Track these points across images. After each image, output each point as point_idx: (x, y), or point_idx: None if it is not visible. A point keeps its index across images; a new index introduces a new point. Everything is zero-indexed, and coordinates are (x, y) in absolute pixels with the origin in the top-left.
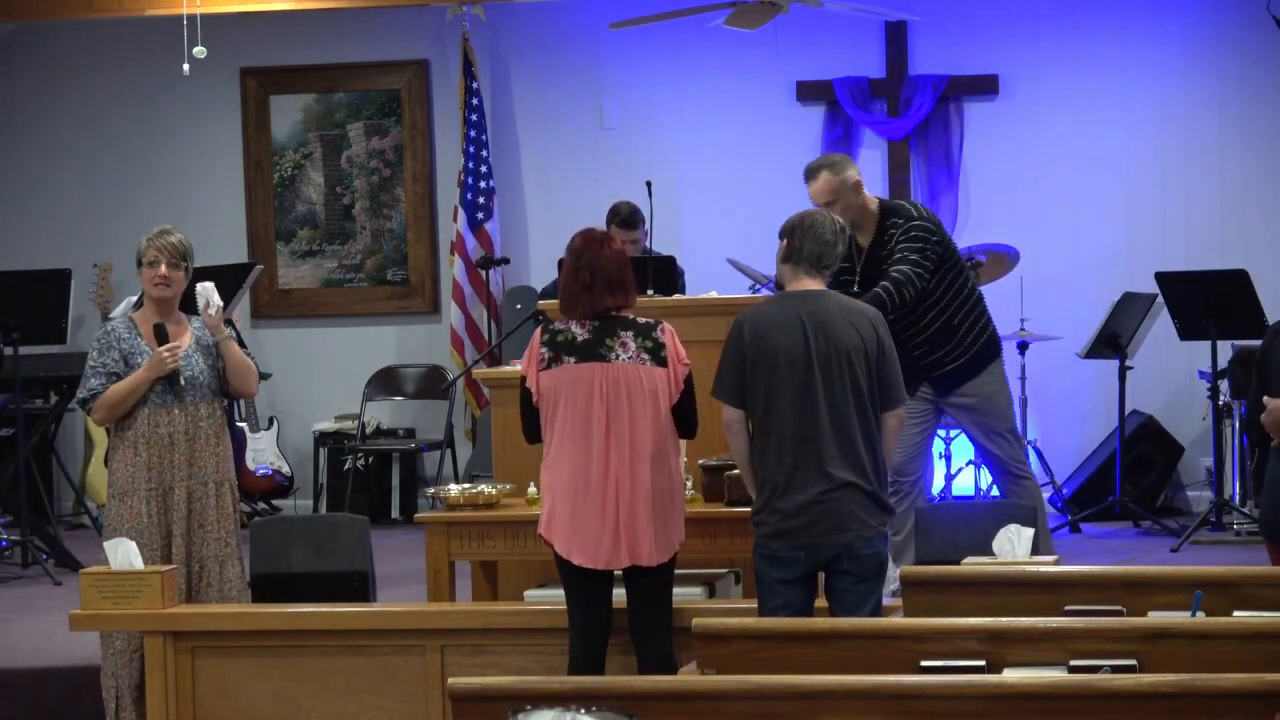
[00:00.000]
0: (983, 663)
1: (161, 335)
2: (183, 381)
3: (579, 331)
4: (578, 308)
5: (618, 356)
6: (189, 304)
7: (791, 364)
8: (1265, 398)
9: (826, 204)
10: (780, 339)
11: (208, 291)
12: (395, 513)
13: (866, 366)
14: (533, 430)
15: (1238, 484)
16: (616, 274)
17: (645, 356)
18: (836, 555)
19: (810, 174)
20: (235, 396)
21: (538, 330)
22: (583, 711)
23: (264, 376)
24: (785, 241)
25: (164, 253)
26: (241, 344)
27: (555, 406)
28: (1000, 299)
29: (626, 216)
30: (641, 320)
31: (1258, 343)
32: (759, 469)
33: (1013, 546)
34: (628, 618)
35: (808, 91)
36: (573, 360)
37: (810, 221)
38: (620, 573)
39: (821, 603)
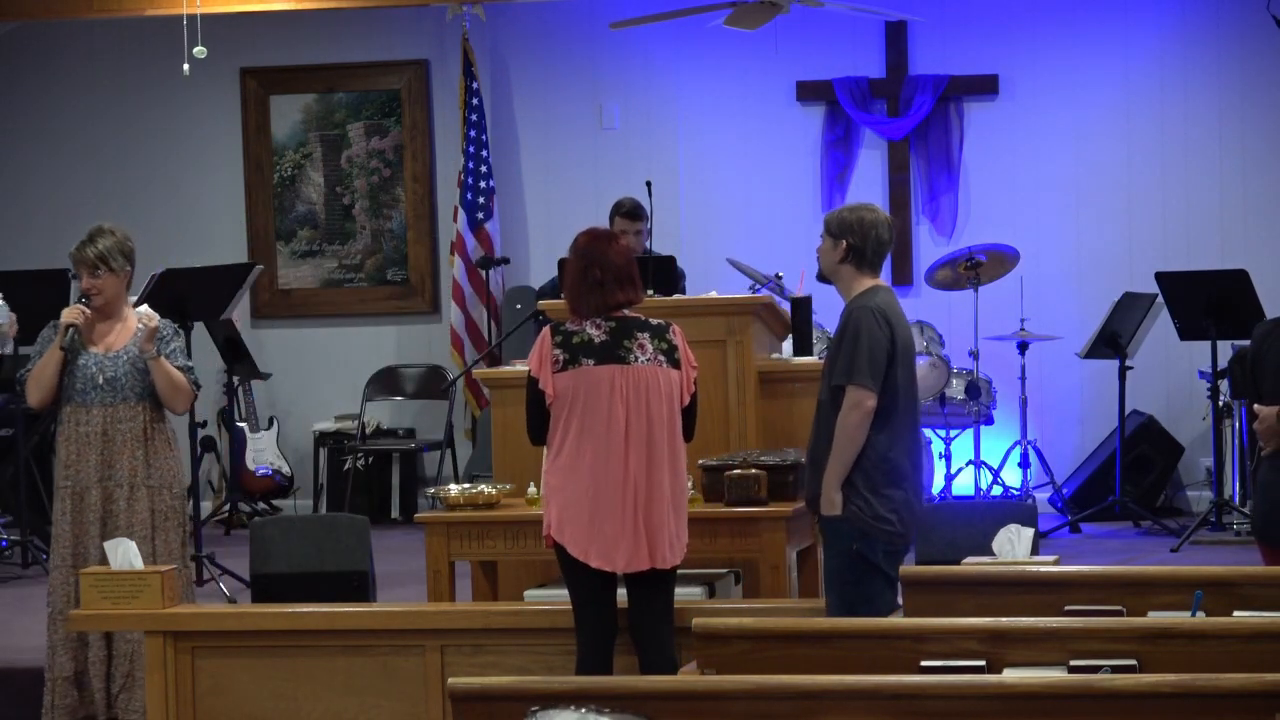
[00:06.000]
0: (983, 663)
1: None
2: (102, 381)
3: (595, 333)
4: (589, 305)
5: (636, 359)
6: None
7: (915, 359)
8: (1256, 405)
9: None
10: (905, 332)
11: (145, 315)
12: (395, 513)
13: None
14: (540, 432)
15: (1237, 484)
16: (625, 269)
17: (662, 359)
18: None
19: None
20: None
21: (545, 331)
22: (602, 712)
23: (264, 376)
24: (843, 242)
25: (81, 266)
26: (241, 348)
27: (572, 408)
28: (1000, 299)
29: (631, 208)
30: (654, 321)
31: None
32: (884, 459)
33: (1013, 546)
34: (629, 618)
35: (808, 91)
36: (591, 362)
37: (870, 221)
38: (622, 574)
39: (813, 602)
